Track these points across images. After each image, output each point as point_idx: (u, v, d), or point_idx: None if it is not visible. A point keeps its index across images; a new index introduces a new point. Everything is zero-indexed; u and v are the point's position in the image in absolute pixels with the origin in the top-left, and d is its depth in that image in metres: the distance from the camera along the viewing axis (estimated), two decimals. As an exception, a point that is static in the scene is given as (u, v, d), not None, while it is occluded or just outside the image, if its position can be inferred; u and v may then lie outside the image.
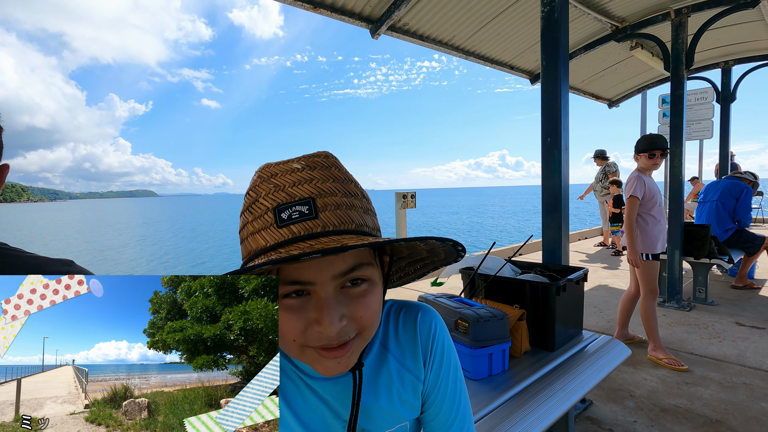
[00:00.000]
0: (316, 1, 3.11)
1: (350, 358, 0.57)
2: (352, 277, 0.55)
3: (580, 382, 1.69)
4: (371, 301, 0.57)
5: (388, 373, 0.68)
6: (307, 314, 0.54)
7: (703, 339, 3.40)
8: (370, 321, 0.57)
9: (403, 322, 0.72)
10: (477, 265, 2.16)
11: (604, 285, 5.23)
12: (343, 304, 0.55)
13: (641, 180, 2.97)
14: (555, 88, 2.42)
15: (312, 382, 0.65)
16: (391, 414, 0.68)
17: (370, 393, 0.67)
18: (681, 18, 4.10)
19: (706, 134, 8.22)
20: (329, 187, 0.55)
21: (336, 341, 0.54)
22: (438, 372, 0.71)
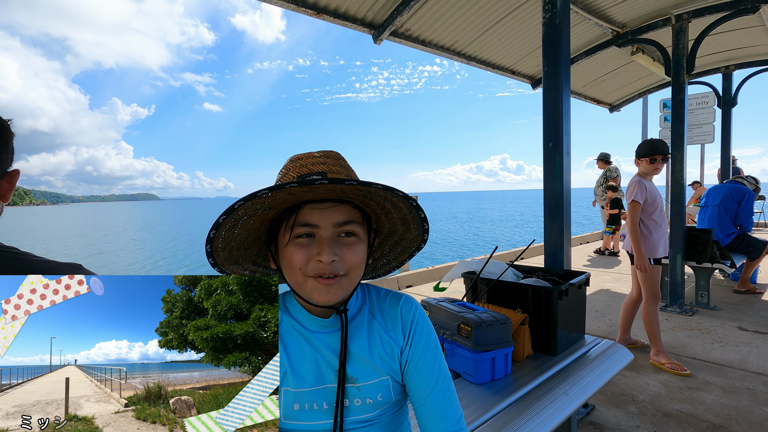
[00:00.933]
0: (319, 6, 3.14)
1: (338, 291, 0.75)
2: (346, 229, 0.76)
3: (582, 387, 1.69)
4: (357, 250, 0.77)
5: (372, 332, 0.84)
6: (311, 250, 0.74)
7: (706, 344, 3.39)
8: (355, 264, 0.76)
9: (388, 303, 0.89)
10: (479, 270, 2.16)
11: (605, 289, 5.23)
12: (338, 246, 0.75)
13: (642, 184, 2.98)
14: (556, 92, 2.43)
15: (311, 335, 0.82)
16: (372, 367, 0.82)
17: (356, 344, 0.82)
18: (682, 23, 4.12)
19: (707, 138, 8.21)
20: (337, 169, 0.79)
21: (329, 271, 0.73)
22: (417, 346, 0.85)
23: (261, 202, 0.70)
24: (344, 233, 0.76)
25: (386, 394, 0.82)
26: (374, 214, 0.84)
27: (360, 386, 0.80)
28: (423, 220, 0.83)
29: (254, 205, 0.71)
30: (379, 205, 0.80)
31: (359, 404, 0.80)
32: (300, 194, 0.72)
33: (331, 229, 0.75)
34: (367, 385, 0.81)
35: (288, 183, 0.65)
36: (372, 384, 0.81)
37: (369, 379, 0.81)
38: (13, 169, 0.87)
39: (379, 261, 0.99)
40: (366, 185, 0.69)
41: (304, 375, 0.79)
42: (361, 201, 0.78)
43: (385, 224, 0.88)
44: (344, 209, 0.76)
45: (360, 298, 0.89)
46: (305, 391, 0.78)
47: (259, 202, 0.70)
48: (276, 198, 0.70)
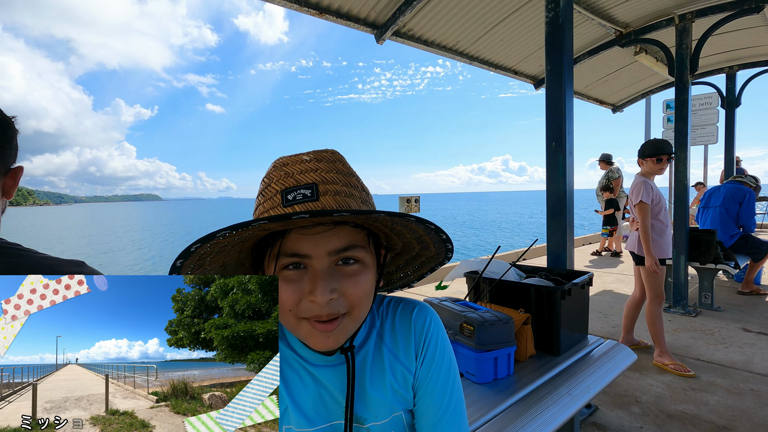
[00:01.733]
0: (322, 6, 3.14)
1: (339, 335, 0.62)
2: (345, 255, 0.61)
3: (585, 387, 1.68)
4: (362, 281, 0.62)
5: (382, 364, 0.72)
6: (302, 286, 0.60)
7: (710, 345, 3.37)
8: (359, 299, 0.62)
9: (399, 315, 0.75)
10: (482, 269, 2.16)
11: (608, 290, 5.21)
12: (336, 279, 0.60)
13: (648, 185, 2.96)
14: (559, 92, 2.43)
15: (313, 369, 0.69)
16: (384, 404, 0.71)
17: (366, 382, 0.70)
18: (685, 23, 4.10)
19: (710, 139, 8.19)
20: (332, 177, 0.62)
21: (326, 313, 0.59)
22: (429, 366, 0.73)
23: (227, 240, 0.57)
24: (343, 260, 0.62)
25: (399, 430, 0.73)
26: (382, 233, 0.70)
27: (370, 426, 0.71)
28: (445, 241, 0.69)
29: (215, 246, 0.58)
30: (387, 226, 0.66)
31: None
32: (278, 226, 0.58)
33: (326, 259, 0.60)
34: (378, 425, 0.71)
35: (257, 219, 0.52)
36: (384, 423, 0.71)
37: (380, 419, 0.71)
38: (17, 166, 0.87)
39: (395, 275, 0.84)
40: (365, 214, 0.55)
41: (308, 413, 0.69)
42: (363, 221, 0.63)
43: (398, 242, 0.74)
44: (342, 232, 0.61)
45: (367, 320, 0.74)
46: (309, 431, 0.69)
47: (224, 241, 0.57)
48: (245, 234, 0.57)
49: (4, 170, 0.83)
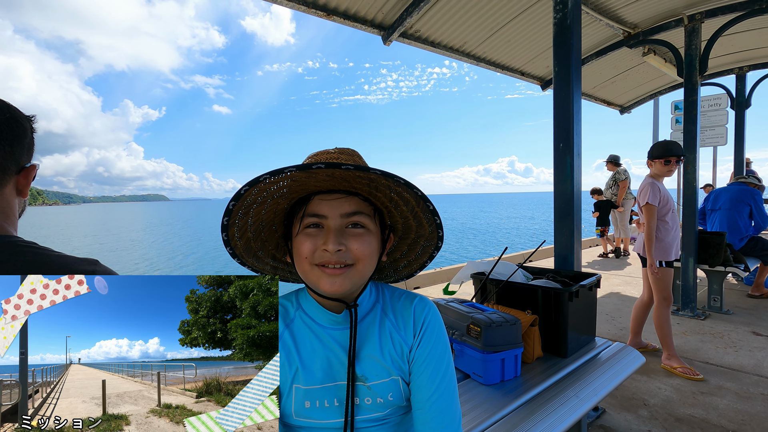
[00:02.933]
0: (329, 8, 3.16)
1: (344, 281, 0.75)
2: (353, 220, 0.77)
3: (593, 389, 1.68)
4: (365, 241, 0.77)
5: (383, 331, 0.84)
6: (318, 240, 0.75)
7: (719, 348, 3.34)
8: (363, 255, 0.76)
9: (403, 301, 0.88)
10: (489, 271, 2.15)
11: (616, 292, 5.17)
12: (345, 237, 0.76)
13: (655, 186, 2.94)
14: (567, 94, 2.42)
15: (323, 331, 0.82)
16: (383, 366, 0.81)
17: (368, 343, 0.82)
18: (694, 24, 4.07)
19: (720, 141, 8.10)
20: (351, 162, 0.80)
21: (335, 260, 0.74)
22: (425, 347, 0.83)
23: (266, 188, 0.72)
24: (352, 224, 0.77)
25: (397, 394, 0.82)
26: (384, 207, 0.83)
27: (370, 385, 0.80)
28: (433, 213, 0.81)
29: (261, 191, 0.73)
30: (386, 196, 0.79)
31: (370, 403, 0.80)
32: (304, 182, 0.73)
33: (338, 219, 0.76)
34: (377, 384, 0.80)
35: (287, 167, 0.66)
36: (382, 383, 0.80)
37: (379, 378, 0.80)
38: (31, 165, 0.88)
39: (400, 262, 0.97)
40: (364, 170, 0.68)
41: (315, 372, 0.79)
42: (368, 193, 0.78)
43: (398, 219, 0.86)
44: (352, 200, 0.77)
45: (373, 295, 0.88)
46: (316, 389, 0.78)
47: (265, 188, 0.72)
48: (281, 185, 0.73)
49: (17, 169, 0.84)
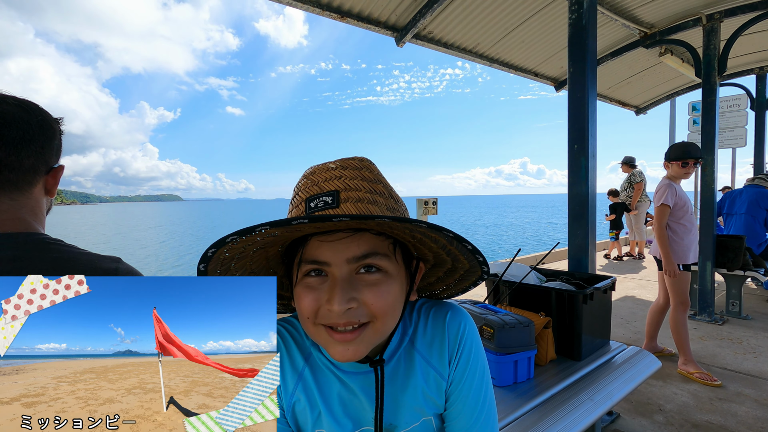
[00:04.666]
0: (343, 10, 3.18)
1: (360, 346, 0.59)
2: (366, 263, 0.59)
3: (608, 393, 1.66)
4: (384, 291, 0.60)
5: (414, 369, 0.70)
6: (321, 294, 0.59)
7: (737, 354, 3.27)
8: (382, 310, 0.59)
9: (432, 319, 0.74)
10: (502, 272, 2.14)
11: (630, 296, 5.09)
12: (355, 288, 0.58)
13: (672, 188, 2.90)
14: (582, 95, 2.40)
15: (344, 376, 0.69)
16: (415, 409, 0.70)
17: (397, 389, 0.69)
18: (713, 23, 4.00)
19: (739, 142, 7.93)
20: (356, 184, 0.61)
21: (343, 321, 0.58)
22: (463, 371, 0.71)
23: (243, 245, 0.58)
24: (365, 268, 0.60)
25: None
26: (406, 241, 0.67)
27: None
28: (473, 252, 0.63)
29: (233, 251, 0.59)
30: (406, 234, 0.62)
31: None
32: (293, 230, 0.57)
33: (345, 267, 0.59)
34: (407, 430, 0.70)
35: (259, 225, 0.52)
36: (414, 427, 0.71)
37: (410, 424, 0.70)
38: (59, 165, 0.91)
39: (437, 286, 0.80)
40: (366, 219, 0.51)
41: (339, 418, 0.68)
42: (381, 228, 0.61)
43: (427, 253, 0.70)
44: (362, 239, 0.59)
45: (398, 333, 0.73)
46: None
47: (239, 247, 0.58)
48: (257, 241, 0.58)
49: (46, 169, 0.87)
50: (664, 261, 2.90)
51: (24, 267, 0.77)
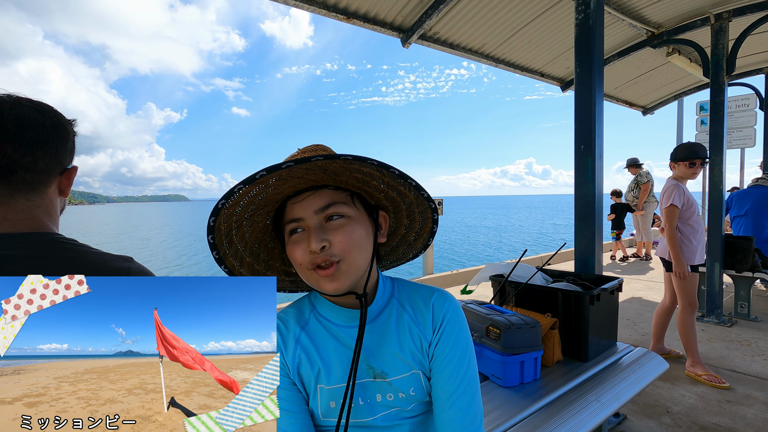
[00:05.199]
0: (349, 11, 3.19)
1: (340, 278, 0.72)
2: (329, 213, 0.74)
3: (615, 394, 1.66)
4: (348, 231, 0.73)
5: (401, 324, 0.82)
6: (305, 244, 0.73)
7: (746, 356, 3.24)
8: (348, 246, 0.73)
9: (420, 296, 0.85)
10: (508, 273, 2.14)
11: (637, 297, 5.06)
12: (325, 231, 0.73)
13: (680, 188, 2.88)
14: (589, 95, 2.39)
15: (339, 330, 0.81)
16: (402, 360, 0.79)
17: (385, 337, 0.80)
18: (721, 23, 3.97)
19: (747, 143, 7.85)
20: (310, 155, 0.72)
21: (320, 260, 0.71)
22: (445, 345, 0.80)
23: (237, 202, 0.71)
24: (329, 218, 0.74)
25: (419, 389, 0.80)
26: (358, 190, 0.79)
27: (391, 381, 0.79)
28: (402, 177, 0.74)
29: (233, 207, 0.71)
30: (350, 178, 0.74)
31: (392, 399, 0.79)
32: (272, 190, 0.72)
33: (314, 217, 0.73)
34: (397, 379, 0.79)
35: (235, 186, 0.66)
36: (403, 378, 0.79)
37: (400, 373, 0.79)
38: (72, 166, 0.93)
39: (409, 236, 0.94)
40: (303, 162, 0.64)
41: (336, 371, 0.78)
42: (334, 180, 0.75)
43: (377, 195, 0.82)
44: (323, 194, 0.74)
45: (388, 289, 0.86)
46: (339, 387, 0.77)
47: (237, 202, 0.71)
48: (249, 198, 0.71)
49: (60, 170, 0.89)
50: (674, 263, 2.87)
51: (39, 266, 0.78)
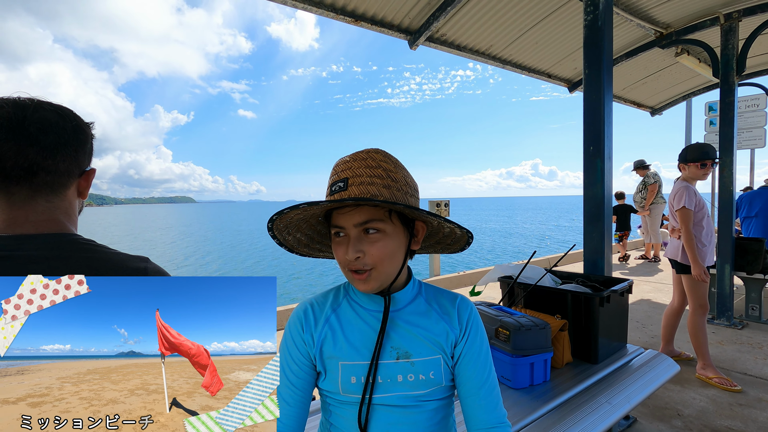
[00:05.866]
0: (357, 14, 3.21)
1: (371, 282, 0.83)
2: (366, 227, 0.81)
3: (626, 397, 1.65)
4: (381, 245, 0.82)
5: (430, 313, 0.90)
6: (344, 248, 0.83)
7: (758, 359, 3.20)
8: (380, 258, 0.82)
9: (446, 298, 0.94)
10: (517, 274, 2.14)
11: (646, 299, 5.02)
12: (362, 243, 0.81)
13: (690, 190, 2.86)
14: (598, 96, 2.38)
15: (367, 313, 0.90)
16: (425, 344, 0.87)
17: (413, 324, 0.88)
18: (731, 22, 3.94)
19: (758, 143, 7.76)
20: (360, 171, 0.83)
21: (355, 267, 0.82)
22: (471, 345, 0.89)
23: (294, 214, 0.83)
24: (366, 230, 0.82)
25: (438, 372, 0.86)
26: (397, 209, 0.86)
27: (414, 362, 0.85)
28: (456, 226, 0.87)
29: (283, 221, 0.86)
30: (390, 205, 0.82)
31: (412, 380, 0.84)
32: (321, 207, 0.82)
33: (354, 230, 0.81)
34: (420, 361, 0.85)
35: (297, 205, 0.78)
36: (426, 360, 0.85)
37: (423, 356, 0.85)
38: (90, 169, 0.94)
39: (448, 239, 0.98)
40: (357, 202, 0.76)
41: (360, 349, 0.85)
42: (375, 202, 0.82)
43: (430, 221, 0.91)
44: (362, 210, 0.81)
45: (416, 288, 0.94)
46: (361, 365, 0.84)
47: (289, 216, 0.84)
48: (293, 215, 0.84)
49: (79, 172, 0.91)
50: (693, 266, 2.83)
51: (59, 267, 0.80)
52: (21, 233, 0.81)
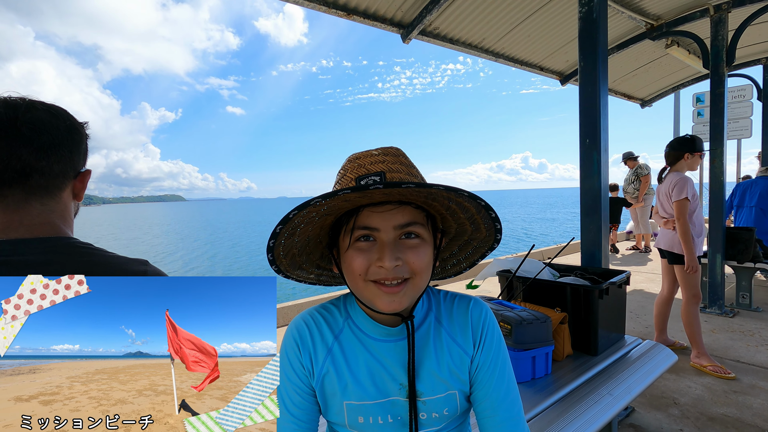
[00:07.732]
0: (349, 8, 3.17)
1: (402, 298, 0.70)
2: (408, 230, 0.71)
3: (626, 387, 1.66)
4: (422, 252, 0.71)
5: (439, 342, 0.78)
6: (371, 255, 0.70)
7: (750, 346, 3.26)
8: (420, 268, 0.70)
9: (456, 306, 0.82)
10: (515, 268, 2.14)
11: (639, 290, 5.09)
12: (400, 249, 0.70)
13: (691, 182, 2.87)
14: (594, 89, 2.38)
15: (374, 344, 0.77)
16: (440, 380, 0.76)
17: (424, 357, 0.77)
18: (721, 14, 3.97)
19: (744, 133, 7.88)
20: (396, 167, 0.73)
21: (392, 276, 0.68)
22: (488, 354, 0.78)
23: (316, 210, 0.67)
24: (406, 235, 0.71)
25: (452, 408, 0.78)
26: (439, 214, 0.77)
27: (426, 400, 0.76)
28: (494, 220, 0.74)
29: (309, 213, 0.67)
30: (443, 205, 0.73)
31: (425, 418, 0.77)
32: (355, 200, 0.67)
33: (392, 232, 0.70)
34: (433, 399, 0.76)
35: (341, 189, 0.61)
36: (438, 398, 0.76)
37: (436, 393, 0.76)
38: (86, 170, 0.91)
39: (449, 261, 0.92)
40: (427, 187, 0.62)
41: (367, 387, 0.75)
42: (423, 202, 0.72)
43: (452, 225, 0.81)
44: (405, 211, 0.71)
45: (425, 303, 0.82)
46: (369, 404, 0.75)
47: (314, 210, 0.66)
48: (332, 204, 0.67)
49: (74, 174, 0.88)
50: (687, 257, 2.85)
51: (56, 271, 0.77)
52: (16, 238, 0.78)
